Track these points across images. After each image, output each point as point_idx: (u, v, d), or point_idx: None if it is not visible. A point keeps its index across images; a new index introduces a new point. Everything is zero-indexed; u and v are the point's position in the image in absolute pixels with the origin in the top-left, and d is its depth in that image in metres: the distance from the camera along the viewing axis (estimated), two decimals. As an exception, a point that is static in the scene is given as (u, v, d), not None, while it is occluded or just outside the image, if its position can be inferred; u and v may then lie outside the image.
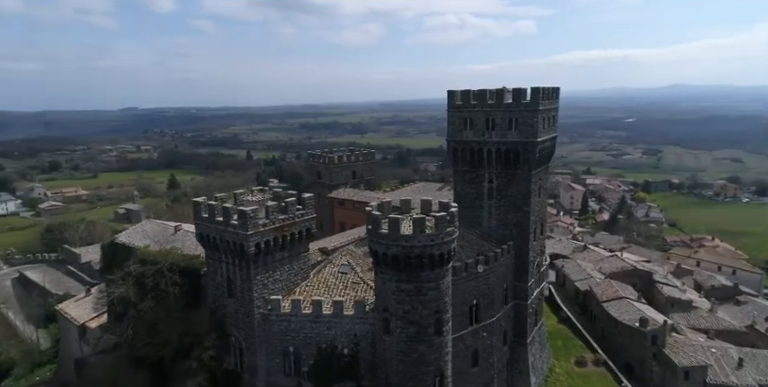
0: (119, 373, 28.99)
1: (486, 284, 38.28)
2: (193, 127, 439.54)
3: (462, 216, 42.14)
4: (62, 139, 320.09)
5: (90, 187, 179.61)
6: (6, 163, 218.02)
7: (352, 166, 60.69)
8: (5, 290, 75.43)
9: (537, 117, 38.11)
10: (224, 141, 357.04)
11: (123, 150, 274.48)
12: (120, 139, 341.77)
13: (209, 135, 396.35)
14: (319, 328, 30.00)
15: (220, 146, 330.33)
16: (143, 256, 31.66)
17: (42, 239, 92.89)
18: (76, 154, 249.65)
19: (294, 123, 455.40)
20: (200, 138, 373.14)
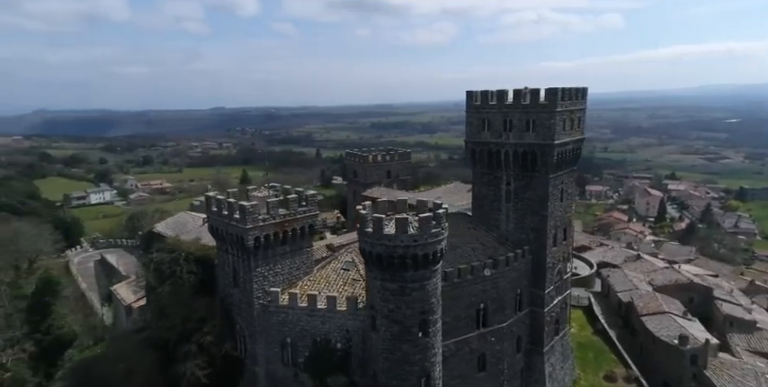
0: (134, 352, 32.46)
1: (496, 289, 37.74)
2: (271, 125, 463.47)
3: (481, 218, 42.27)
4: (157, 136, 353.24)
5: (174, 180, 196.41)
6: (110, 157, 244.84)
7: (387, 166, 61.78)
8: (88, 270, 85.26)
9: (554, 118, 36.85)
10: (298, 139, 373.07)
11: (207, 147, 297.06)
12: (206, 136, 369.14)
13: (284, 133, 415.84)
14: (314, 322, 31.50)
15: (294, 144, 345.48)
16: (165, 245, 35.07)
17: (125, 226, 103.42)
18: (167, 150, 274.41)
19: (366, 123, 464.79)
20: (276, 136, 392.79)
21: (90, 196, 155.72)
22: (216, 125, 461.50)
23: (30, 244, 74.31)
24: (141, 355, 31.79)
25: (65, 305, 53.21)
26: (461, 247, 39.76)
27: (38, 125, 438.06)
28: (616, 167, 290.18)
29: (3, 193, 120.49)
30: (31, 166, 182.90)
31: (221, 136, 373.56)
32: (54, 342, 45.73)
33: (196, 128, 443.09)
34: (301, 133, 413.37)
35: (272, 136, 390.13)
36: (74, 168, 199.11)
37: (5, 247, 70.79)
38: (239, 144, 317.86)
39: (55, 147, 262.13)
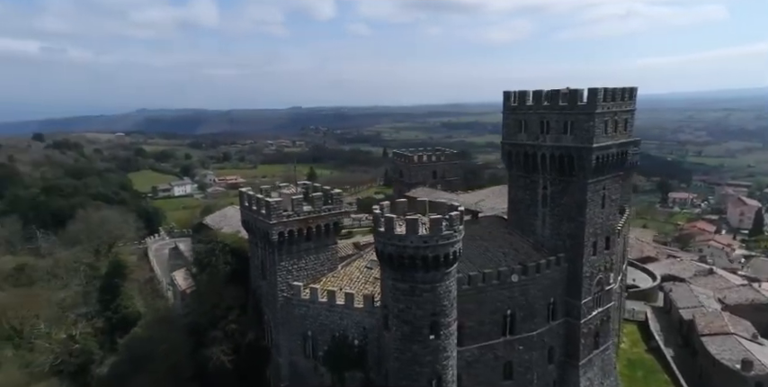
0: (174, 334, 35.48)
1: (524, 295, 36.68)
2: (343, 124, 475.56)
3: (516, 223, 41.18)
4: (239, 133, 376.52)
5: (248, 176, 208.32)
6: (195, 153, 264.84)
7: (433, 166, 61.64)
8: (163, 257, 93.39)
9: (593, 120, 35.04)
10: (367, 139, 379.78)
11: (281, 144, 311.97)
12: (282, 134, 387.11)
13: (355, 132, 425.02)
14: (333, 317, 32.58)
15: (363, 143, 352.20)
16: (206, 236, 37.90)
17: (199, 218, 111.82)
18: (245, 147, 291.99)
19: (436, 122, 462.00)
20: (347, 135, 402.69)
21: (174, 189, 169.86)
22: (292, 124, 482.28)
23: (115, 230, 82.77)
24: (179, 338, 34.73)
25: (134, 287, 58.90)
26: (492, 251, 39.10)
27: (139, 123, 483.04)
28: (710, 173, 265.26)
29: (100, 184, 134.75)
30: (127, 160, 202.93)
31: (296, 134, 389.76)
32: (121, 320, 50.93)
33: (274, 126, 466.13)
34: (371, 132, 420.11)
35: (343, 135, 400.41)
36: (163, 163, 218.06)
37: (93, 231, 79.67)
38: (311, 142, 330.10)
39: (150, 143, 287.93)
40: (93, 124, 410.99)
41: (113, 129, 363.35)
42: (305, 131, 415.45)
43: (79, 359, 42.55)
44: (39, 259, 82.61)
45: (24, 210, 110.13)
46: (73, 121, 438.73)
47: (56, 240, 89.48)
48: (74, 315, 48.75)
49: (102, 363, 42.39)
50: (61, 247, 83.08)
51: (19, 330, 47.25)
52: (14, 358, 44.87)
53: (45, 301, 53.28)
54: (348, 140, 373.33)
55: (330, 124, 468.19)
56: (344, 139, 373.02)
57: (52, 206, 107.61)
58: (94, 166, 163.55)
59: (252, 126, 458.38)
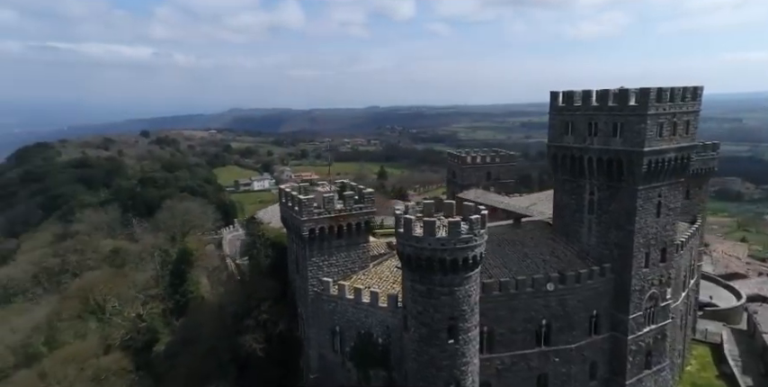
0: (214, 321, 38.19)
1: (562, 306, 35.04)
2: (419, 124, 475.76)
3: (562, 229, 39.35)
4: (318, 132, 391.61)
5: (322, 173, 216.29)
6: (277, 150, 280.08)
7: (487, 168, 60.24)
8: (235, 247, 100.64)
9: (645, 122, 32.55)
10: (442, 138, 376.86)
11: (356, 143, 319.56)
12: (358, 133, 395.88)
13: (431, 132, 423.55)
14: (359, 314, 33.35)
15: (438, 142, 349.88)
16: (253, 230, 40.37)
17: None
18: (322, 145, 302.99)
19: (515, 122, 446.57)
20: (422, 134, 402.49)
21: (253, 183, 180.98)
22: (369, 123, 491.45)
23: (195, 220, 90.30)
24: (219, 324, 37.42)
25: (202, 274, 63.95)
26: (532, 258, 37.77)
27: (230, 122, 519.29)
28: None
29: (189, 177, 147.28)
30: (215, 156, 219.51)
31: (372, 133, 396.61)
32: (186, 304, 55.67)
33: (352, 125, 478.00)
34: (446, 132, 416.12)
35: (418, 134, 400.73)
36: (247, 159, 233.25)
37: (176, 220, 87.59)
38: (385, 141, 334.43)
39: (238, 140, 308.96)
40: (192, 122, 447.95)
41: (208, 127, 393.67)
42: (381, 131, 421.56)
43: (145, 337, 47.36)
44: (132, 243, 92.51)
45: (124, 198, 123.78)
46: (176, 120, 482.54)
47: (147, 227, 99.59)
48: (143, 296, 54.15)
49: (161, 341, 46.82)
50: (149, 234, 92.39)
51: (102, 306, 53.50)
52: (96, 331, 50.95)
53: (126, 282, 59.60)
54: (423, 140, 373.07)
55: (406, 124, 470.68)
56: (419, 139, 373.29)
57: (146, 196, 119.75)
58: (186, 161, 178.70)
59: (331, 125, 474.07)
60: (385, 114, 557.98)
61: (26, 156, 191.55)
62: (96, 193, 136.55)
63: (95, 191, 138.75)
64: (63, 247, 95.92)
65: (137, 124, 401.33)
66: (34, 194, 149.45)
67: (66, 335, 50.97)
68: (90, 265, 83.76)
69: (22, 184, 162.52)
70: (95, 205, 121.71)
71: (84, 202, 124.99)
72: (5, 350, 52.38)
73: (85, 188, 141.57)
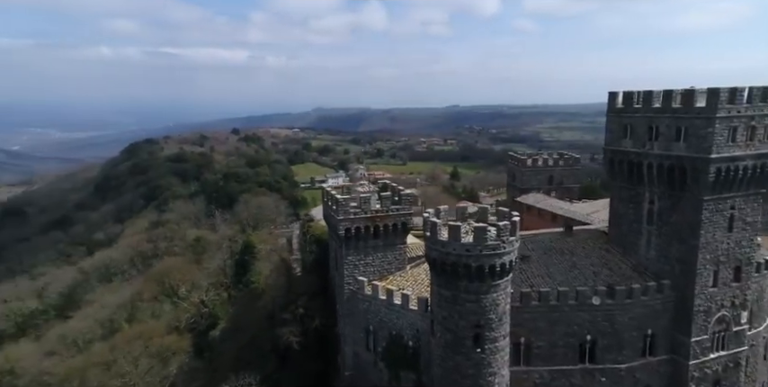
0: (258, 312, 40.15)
1: (609, 322, 32.72)
2: (500, 124, 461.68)
3: (618, 239, 36.67)
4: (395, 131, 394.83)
5: (395, 172, 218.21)
6: (354, 148, 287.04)
7: (550, 171, 57.35)
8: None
9: (713, 126, 29.33)
10: (524, 139, 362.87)
11: (432, 143, 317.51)
12: (436, 133, 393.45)
13: (511, 132, 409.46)
14: (391, 316, 33.48)
15: (519, 143, 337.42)
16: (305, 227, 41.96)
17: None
18: (398, 144, 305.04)
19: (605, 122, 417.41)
20: (501, 134, 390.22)
21: (328, 181, 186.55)
22: (448, 122, 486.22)
23: (267, 214, 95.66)
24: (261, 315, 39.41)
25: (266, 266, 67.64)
26: (581, 269, 35.63)
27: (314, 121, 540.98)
28: None
29: (268, 173, 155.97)
30: (296, 153, 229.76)
31: (449, 133, 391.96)
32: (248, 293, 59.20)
33: (430, 125, 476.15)
34: (529, 132, 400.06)
35: (498, 134, 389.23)
36: (324, 156, 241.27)
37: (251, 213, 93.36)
38: (462, 141, 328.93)
39: (318, 138, 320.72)
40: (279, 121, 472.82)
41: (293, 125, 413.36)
42: (459, 130, 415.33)
43: (207, 321, 51.20)
44: (212, 233, 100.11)
45: (210, 191, 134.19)
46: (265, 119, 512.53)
47: (227, 219, 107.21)
48: (206, 283, 58.46)
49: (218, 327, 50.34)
50: (226, 225, 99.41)
51: (175, 290, 58.66)
52: (169, 312, 56.03)
53: (198, 269, 64.68)
54: (502, 140, 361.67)
55: (486, 123, 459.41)
56: (498, 139, 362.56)
57: (228, 189, 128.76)
58: (268, 158, 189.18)
59: (409, 124, 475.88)
60: (465, 114, 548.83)
61: (135, 150, 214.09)
62: (188, 185, 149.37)
63: (187, 183, 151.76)
64: (155, 234, 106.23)
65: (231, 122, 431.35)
66: (139, 185, 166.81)
67: (144, 314, 56.86)
68: (176, 252, 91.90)
69: (130, 175, 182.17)
70: (185, 197, 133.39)
71: (176, 193, 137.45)
72: (94, 323, 59.63)
73: (179, 181, 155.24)
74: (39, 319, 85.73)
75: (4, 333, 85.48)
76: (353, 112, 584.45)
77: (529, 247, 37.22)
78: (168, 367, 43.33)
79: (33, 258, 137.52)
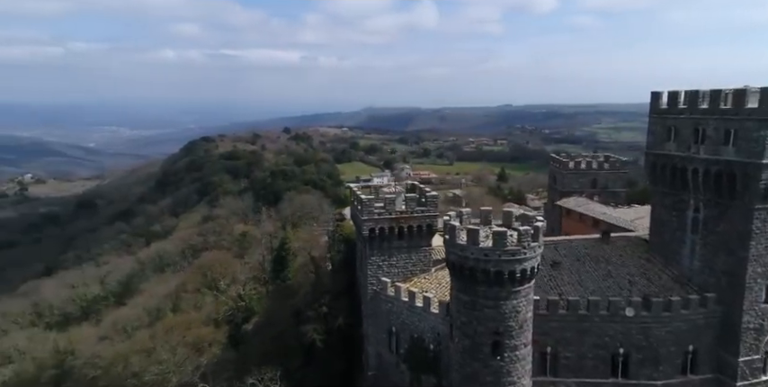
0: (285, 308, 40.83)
1: (645, 336, 30.92)
2: (553, 123, 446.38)
3: (659, 248, 34.59)
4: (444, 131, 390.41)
5: (442, 172, 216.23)
6: (401, 148, 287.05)
7: (594, 174, 54.76)
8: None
9: (766, 129, 26.92)
10: (579, 139, 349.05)
11: (481, 143, 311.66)
12: (486, 133, 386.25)
13: (566, 132, 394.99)
14: (412, 318, 33.15)
15: (573, 144, 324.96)
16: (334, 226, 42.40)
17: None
18: (446, 144, 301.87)
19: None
20: (555, 135, 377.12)
21: (373, 180, 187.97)
22: (500, 122, 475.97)
23: (309, 211, 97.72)
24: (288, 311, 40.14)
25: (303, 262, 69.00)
26: (616, 278, 33.91)
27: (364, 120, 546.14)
28: None
29: (314, 171, 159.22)
30: (343, 152, 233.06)
31: (500, 133, 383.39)
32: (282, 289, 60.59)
33: (480, 124, 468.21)
34: (585, 133, 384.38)
35: (551, 134, 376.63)
36: (371, 155, 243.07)
37: (294, 211, 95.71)
38: (513, 141, 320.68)
39: (366, 137, 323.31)
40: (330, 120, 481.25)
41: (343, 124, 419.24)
42: (510, 130, 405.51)
43: (243, 315, 52.95)
44: (257, 229, 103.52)
45: (257, 188, 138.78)
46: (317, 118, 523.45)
47: (272, 215, 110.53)
48: (244, 277, 60.40)
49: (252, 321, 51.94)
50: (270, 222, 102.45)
51: (216, 283, 61.13)
52: (210, 304, 58.49)
53: (239, 263, 67.04)
54: (555, 141, 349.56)
55: (539, 123, 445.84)
56: (551, 140, 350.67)
57: (275, 187, 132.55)
58: (315, 156, 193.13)
59: (459, 124, 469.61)
60: (517, 113, 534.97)
61: (192, 148, 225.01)
62: (238, 182, 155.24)
63: (238, 180, 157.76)
64: (205, 228, 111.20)
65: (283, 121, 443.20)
66: (194, 181, 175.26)
67: (187, 304, 59.74)
68: (224, 246, 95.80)
69: (187, 171, 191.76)
70: (235, 193, 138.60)
71: (226, 189, 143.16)
72: (142, 311, 63.38)
73: (231, 177, 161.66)
74: (100, 304, 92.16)
75: (71, 316, 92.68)
76: (403, 112, 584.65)
77: (561, 253, 35.83)
78: (202, 357, 45.28)
79: (99, 247, 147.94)
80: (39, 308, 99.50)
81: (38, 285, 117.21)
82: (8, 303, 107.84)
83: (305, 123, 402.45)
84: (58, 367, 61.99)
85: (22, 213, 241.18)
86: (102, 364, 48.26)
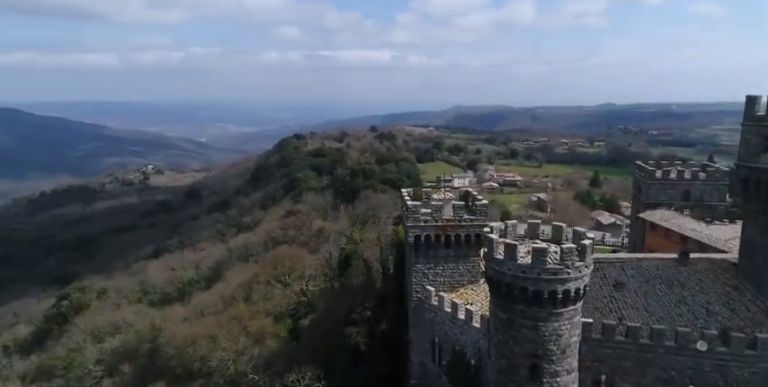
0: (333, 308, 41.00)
1: (722, 375, 27.10)
2: (663, 124, 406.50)
3: (749, 274, 30.12)
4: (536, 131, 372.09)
5: (528, 174, 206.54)
6: (487, 148, 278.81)
7: (686, 186, 48.65)
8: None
9: None
10: (693, 142, 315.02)
11: (576, 144, 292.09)
12: (583, 133, 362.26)
13: (678, 134, 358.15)
14: (455, 330, 31.92)
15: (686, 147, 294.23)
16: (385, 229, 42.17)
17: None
18: (536, 145, 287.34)
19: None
20: (664, 136, 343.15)
21: (454, 181, 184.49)
22: (599, 122, 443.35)
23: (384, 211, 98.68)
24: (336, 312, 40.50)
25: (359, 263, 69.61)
26: (691, 306, 30.09)
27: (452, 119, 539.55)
28: None
29: (394, 171, 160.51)
30: (426, 152, 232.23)
31: (599, 134, 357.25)
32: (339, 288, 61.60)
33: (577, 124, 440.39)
34: (701, 135, 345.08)
35: (659, 136, 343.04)
36: (455, 155, 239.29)
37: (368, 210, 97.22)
38: (612, 143, 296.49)
39: (452, 137, 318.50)
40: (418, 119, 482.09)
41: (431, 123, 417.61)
42: (611, 131, 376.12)
43: (305, 310, 54.75)
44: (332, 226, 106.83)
45: (338, 186, 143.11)
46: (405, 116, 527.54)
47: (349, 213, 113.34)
48: (310, 273, 62.22)
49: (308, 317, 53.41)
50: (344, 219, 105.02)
51: (284, 277, 63.89)
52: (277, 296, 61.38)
53: (308, 259, 69.48)
54: (664, 143, 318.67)
55: (646, 124, 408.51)
56: (658, 142, 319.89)
57: (354, 185, 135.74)
58: (397, 155, 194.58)
59: (553, 123, 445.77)
60: (621, 113, 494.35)
61: (284, 145, 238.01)
62: (321, 179, 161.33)
63: (321, 177, 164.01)
64: (287, 223, 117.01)
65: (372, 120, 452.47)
66: (282, 176, 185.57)
67: (257, 295, 63.30)
68: (301, 240, 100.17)
69: (277, 167, 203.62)
70: (317, 189, 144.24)
71: (309, 186, 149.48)
72: (218, 299, 68.30)
73: (315, 174, 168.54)
74: (192, 287, 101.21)
75: (169, 296, 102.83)
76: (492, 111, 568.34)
77: (627, 273, 32.45)
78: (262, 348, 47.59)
79: (198, 234, 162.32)
80: (144, 286, 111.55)
81: (146, 266, 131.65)
82: (123, 280, 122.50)
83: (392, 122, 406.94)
84: (152, 342, 69.24)
85: (144, 200, 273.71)
86: (178, 345, 52.71)
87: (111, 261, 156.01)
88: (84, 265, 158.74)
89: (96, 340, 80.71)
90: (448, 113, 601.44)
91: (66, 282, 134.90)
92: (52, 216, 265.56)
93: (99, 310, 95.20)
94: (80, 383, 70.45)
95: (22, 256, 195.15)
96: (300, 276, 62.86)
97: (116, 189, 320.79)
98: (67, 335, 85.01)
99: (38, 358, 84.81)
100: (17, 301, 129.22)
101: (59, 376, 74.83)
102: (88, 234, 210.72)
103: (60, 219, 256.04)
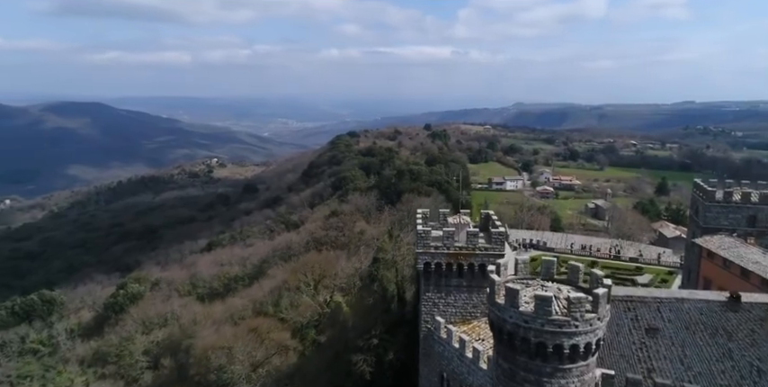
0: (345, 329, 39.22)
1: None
2: (751, 125, 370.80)
3: None
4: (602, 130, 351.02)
5: (589, 178, 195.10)
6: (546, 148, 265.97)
7: (752, 210, 42.69)
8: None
9: None
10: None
11: (646, 146, 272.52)
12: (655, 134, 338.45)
13: (766, 136, 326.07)
14: (462, 368, 29.35)
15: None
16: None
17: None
18: (600, 146, 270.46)
19: None
20: (750, 139, 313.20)
21: (506, 183, 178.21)
22: (675, 122, 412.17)
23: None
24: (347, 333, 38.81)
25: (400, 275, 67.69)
26: (737, 360, 26.28)
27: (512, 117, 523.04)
28: None
29: (442, 172, 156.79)
30: (479, 152, 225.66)
31: (674, 135, 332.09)
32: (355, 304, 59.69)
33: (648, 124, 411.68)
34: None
35: (744, 138, 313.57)
36: (510, 156, 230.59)
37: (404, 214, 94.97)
38: (688, 145, 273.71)
39: (509, 136, 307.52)
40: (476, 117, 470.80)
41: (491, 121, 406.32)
42: (688, 131, 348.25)
43: (327, 322, 53.64)
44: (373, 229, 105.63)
45: (383, 187, 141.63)
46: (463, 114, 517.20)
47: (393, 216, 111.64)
48: (335, 283, 60.97)
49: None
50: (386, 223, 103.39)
51: (311, 285, 63.21)
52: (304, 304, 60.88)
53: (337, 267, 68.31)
54: (749, 146, 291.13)
55: (730, 124, 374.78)
56: (743, 144, 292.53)
57: (399, 186, 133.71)
58: (447, 156, 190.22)
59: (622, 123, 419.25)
60: (701, 112, 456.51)
61: (336, 142, 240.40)
62: (368, 179, 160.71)
63: (369, 177, 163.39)
64: (330, 223, 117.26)
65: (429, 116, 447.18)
66: (332, 175, 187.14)
67: (285, 301, 63.25)
68: (342, 242, 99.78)
69: (328, 165, 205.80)
70: (363, 190, 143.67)
71: (356, 185, 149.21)
72: (250, 303, 69.11)
73: (363, 174, 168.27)
74: (237, 283, 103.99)
75: (215, 291, 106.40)
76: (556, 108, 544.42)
77: (664, 316, 28.50)
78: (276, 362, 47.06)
79: (249, 230, 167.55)
80: (194, 279, 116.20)
81: (198, 259, 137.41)
82: (176, 272, 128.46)
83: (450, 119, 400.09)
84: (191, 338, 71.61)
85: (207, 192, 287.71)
86: (198, 352, 53.57)
87: (169, 252, 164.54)
88: (145, 255, 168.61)
89: (146, 331, 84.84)
90: (508, 111, 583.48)
91: (128, 270, 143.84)
92: (126, 204, 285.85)
93: (151, 301, 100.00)
94: (128, 372, 74.19)
95: (96, 243, 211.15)
96: (328, 285, 62.00)
97: (183, 180, 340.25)
98: (122, 323, 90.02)
99: (95, 344, 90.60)
100: (84, 287, 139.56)
101: (112, 363, 79.27)
102: (153, 224, 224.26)
103: (133, 207, 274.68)
